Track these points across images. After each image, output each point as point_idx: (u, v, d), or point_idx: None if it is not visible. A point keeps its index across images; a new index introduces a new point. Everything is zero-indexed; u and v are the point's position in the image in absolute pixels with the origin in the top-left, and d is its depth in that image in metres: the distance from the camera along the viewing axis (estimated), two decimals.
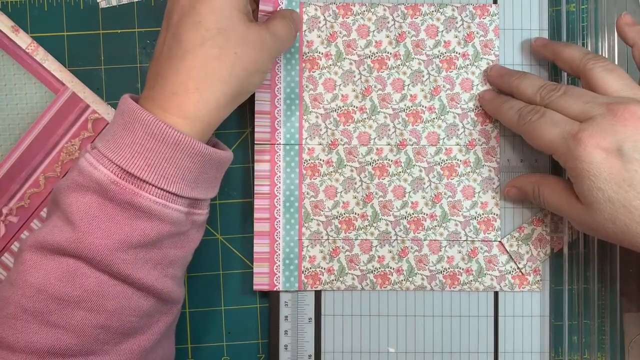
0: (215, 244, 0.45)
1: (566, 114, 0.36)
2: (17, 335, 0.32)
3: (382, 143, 0.44)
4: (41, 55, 0.44)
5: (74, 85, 0.44)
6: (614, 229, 0.35)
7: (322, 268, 0.43)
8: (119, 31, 0.45)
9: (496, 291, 0.44)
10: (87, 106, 0.44)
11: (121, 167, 0.32)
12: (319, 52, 0.44)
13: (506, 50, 0.44)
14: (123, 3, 0.45)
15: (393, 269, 0.44)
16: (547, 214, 0.44)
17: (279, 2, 0.44)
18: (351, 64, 0.44)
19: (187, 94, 0.33)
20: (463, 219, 0.44)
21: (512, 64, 0.44)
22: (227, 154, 0.36)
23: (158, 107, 0.34)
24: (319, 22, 0.44)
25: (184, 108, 0.33)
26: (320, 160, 0.44)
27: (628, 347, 0.44)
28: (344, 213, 0.44)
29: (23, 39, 0.44)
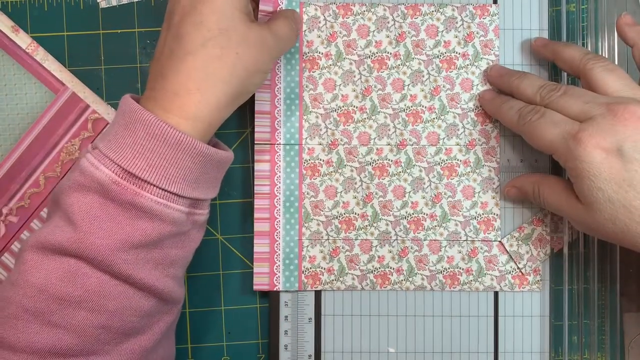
0: (215, 244, 0.45)
1: (566, 114, 0.36)
2: (19, 335, 0.32)
3: (382, 143, 0.44)
4: (41, 55, 0.44)
5: (74, 85, 0.44)
6: (614, 229, 0.35)
7: (322, 268, 0.44)
8: (119, 31, 0.45)
9: (496, 291, 0.44)
10: (87, 106, 0.44)
11: (122, 167, 0.32)
12: (319, 52, 0.44)
13: (506, 50, 0.44)
14: (123, 3, 0.45)
15: (393, 269, 0.44)
16: (547, 214, 0.44)
17: (279, 2, 0.44)
18: (351, 64, 0.44)
19: (189, 95, 0.33)
20: (463, 219, 0.44)
21: (512, 64, 0.44)
22: (228, 154, 0.36)
23: (160, 108, 0.34)
24: (319, 22, 0.44)
25: (186, 108, 0.33)
26: (320, 160, 0.44)
27: (628, 347, 0.44)
28: (344, 213, 0.44)
29: (23, 39, 0.44)
